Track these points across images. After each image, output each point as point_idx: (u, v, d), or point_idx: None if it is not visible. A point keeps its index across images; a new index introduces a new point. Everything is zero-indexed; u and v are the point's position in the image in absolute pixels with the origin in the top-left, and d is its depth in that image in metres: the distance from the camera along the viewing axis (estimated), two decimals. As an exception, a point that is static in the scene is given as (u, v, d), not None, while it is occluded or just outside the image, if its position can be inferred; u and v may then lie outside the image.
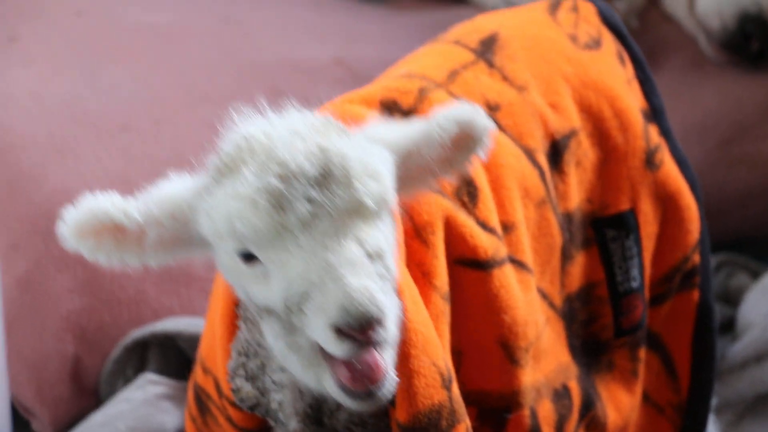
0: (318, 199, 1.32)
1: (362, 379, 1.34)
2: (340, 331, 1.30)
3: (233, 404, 1.61)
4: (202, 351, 1.72)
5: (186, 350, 2.20)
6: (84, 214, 1.38)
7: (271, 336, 1.39)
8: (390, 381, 1.35)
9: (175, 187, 1.42)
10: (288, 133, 1.36)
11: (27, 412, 2.27)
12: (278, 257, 1.33)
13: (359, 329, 1.29)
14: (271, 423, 1.61)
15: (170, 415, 2.08)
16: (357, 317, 1.28)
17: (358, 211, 1.34)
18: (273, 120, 1.40)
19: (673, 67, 2.95)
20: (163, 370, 2.20)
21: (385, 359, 1.35)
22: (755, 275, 2.67)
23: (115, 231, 1.39)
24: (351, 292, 1.29)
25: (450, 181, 1.60)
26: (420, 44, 1.86)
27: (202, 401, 1.73)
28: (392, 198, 1.39)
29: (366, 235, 1.34)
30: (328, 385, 1.37)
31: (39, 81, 2.60)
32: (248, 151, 1.36)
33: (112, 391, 2.21)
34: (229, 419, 1.66)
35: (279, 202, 1.32)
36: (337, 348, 1.31)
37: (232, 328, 1.59)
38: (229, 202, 1.34)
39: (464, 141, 1.43)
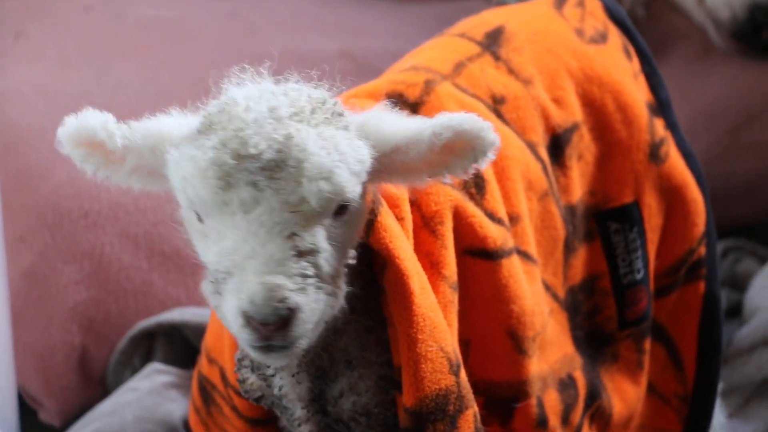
0: (263, 187, 1.32)
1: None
2: (247, 319, 1.31)
3: (239, 394, 1.62)
4: (208, 341, 1.73)
5: (192, 340, 2.21)
6: (78, 125, 1.41)
7: (205, 290, 1.40)
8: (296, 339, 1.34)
9: (168, 124, 1.43)
10: (267, 110, 1.35)
11: (34, 402, 2.28)
12: (217, 228, 1.35)
13: (262, 325, 1.31)
14: (278, 413, 1.62)
15: (177, 404, 2.08)
16: (261, 314, 1.30)
17: (299, 208, 1.33)
18: (263, 92, 1.38)
19: (680, 56, 2.93)
20: (170, 360, 2.21)
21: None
22: (762, 261, 2.67)
23: (103, 148, 1.42)
24: (261, 289, 1.30)
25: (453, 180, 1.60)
26: (426, 37, 1.86)
27: (206, 392, 1.74)
28: (351, 198, 1.37)
29: (303, 231, 1.33)
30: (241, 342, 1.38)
31: (46, 76, 2.60)
32: (226, 117, 1.36)
33: (118, 381, 2.22)
34: (234, 409, 1.68)
35: (227, 180, 1.32)
36: (239, 331, 1.33)
37: None
38: (186, 165, 1.35)
39: (462, 149, 1.39)
